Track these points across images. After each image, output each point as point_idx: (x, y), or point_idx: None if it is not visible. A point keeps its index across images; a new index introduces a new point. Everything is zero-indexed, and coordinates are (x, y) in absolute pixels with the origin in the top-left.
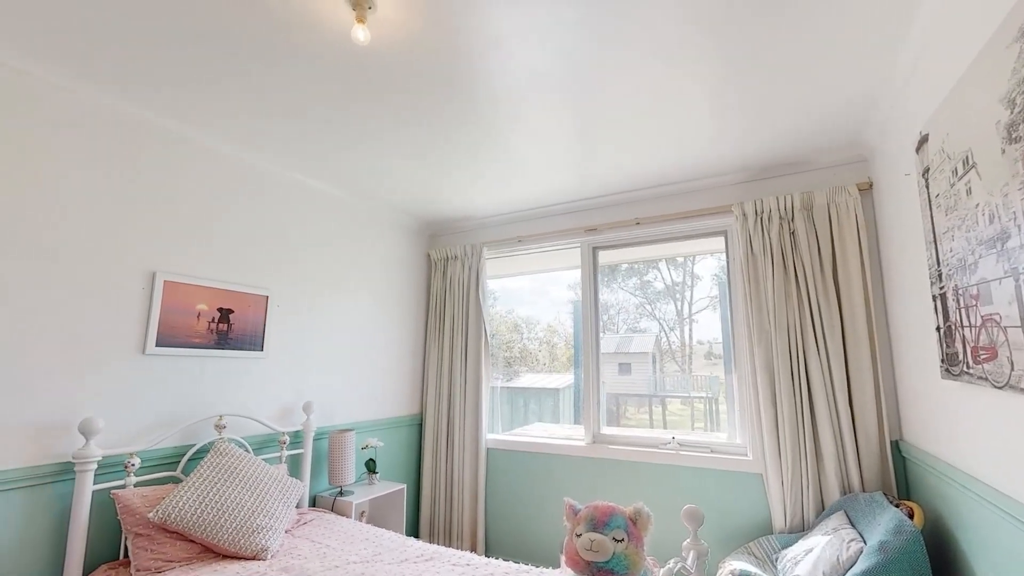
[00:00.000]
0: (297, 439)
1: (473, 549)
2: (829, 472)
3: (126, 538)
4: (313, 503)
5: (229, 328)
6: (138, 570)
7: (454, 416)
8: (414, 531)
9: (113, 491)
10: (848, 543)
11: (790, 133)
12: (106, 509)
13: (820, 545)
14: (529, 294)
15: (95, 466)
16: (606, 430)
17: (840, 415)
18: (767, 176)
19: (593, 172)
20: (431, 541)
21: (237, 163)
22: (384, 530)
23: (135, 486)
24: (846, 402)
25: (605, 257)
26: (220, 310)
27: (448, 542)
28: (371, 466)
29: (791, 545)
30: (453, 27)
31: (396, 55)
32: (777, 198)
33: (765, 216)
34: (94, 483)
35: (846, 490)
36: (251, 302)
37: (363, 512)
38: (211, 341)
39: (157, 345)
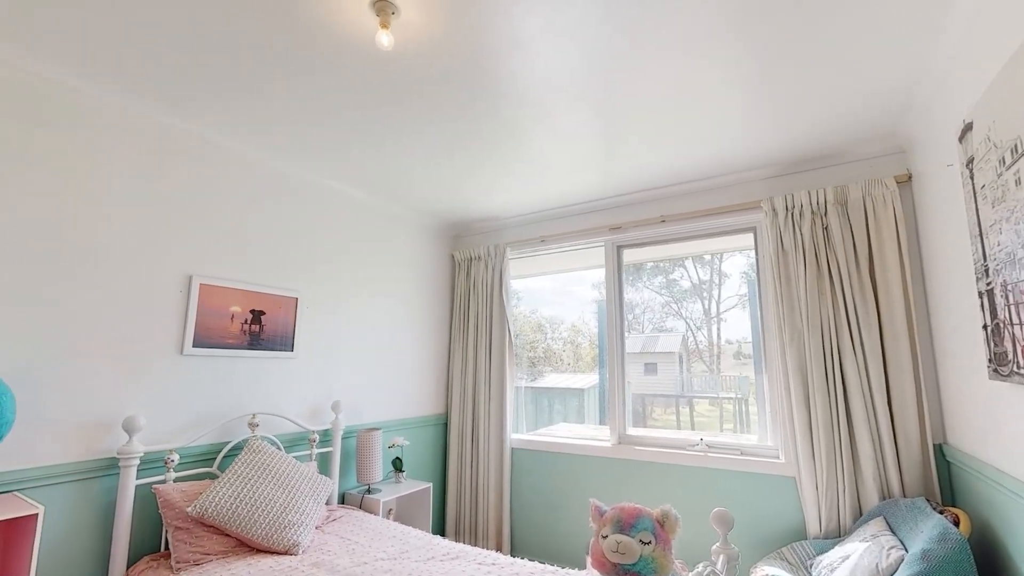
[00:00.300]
0: (326, 437)
1: (499, 548)
2: (867, 476)
3: (166, 531)
4: (342, 500)
5: (261, 329)
6: (178, 562)
7: (479, 416)
8: (440, 530)
9: (154, 486)
10: (888, 550)
11: (823, 125)
12: (148, 503)
13: (858, 552)
14: (553, 294)
15: (137, 462)
16: (632, 431)
17: (878, 417)
18: (798, 170)
19: (617, 170)
20: (457, 540)
21: (268, 169)
22: (411, 528)
23: (174, 481)
24: (884, 404)
25: (630, 256)
26: (252, 312)
27: (474, 541)
28: (398, 464)
29: (827, 551)
30: (475, 29)
31: (419, 58)
32: (809, 192)
33: (796, 211)
34: (137, 478)
35: (885, 495)
36: (282, 304)
37: (390, 510)
38: (244, 342)
39: (194, 346)
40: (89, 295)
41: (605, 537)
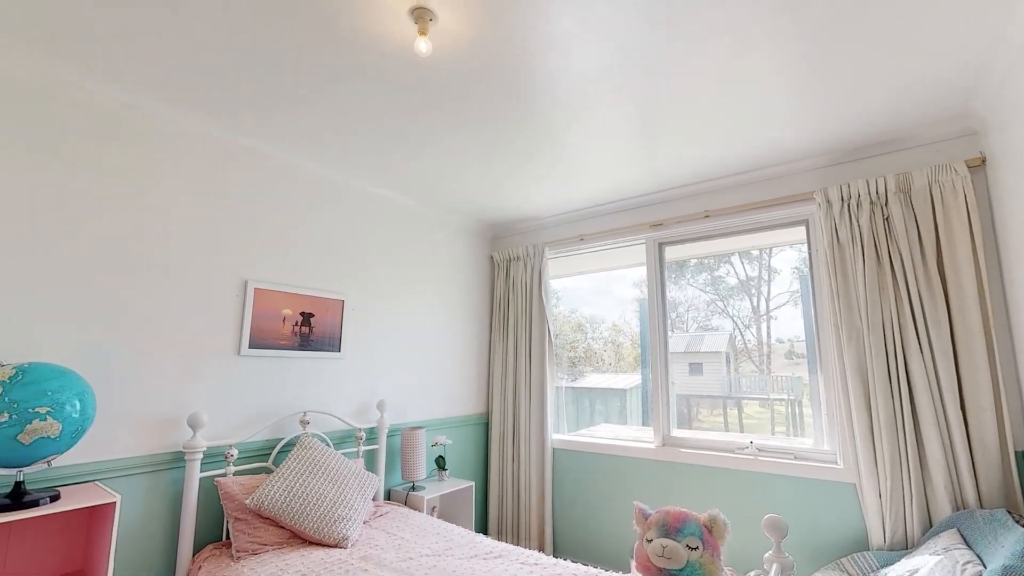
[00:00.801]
0: (372, 435)
1: (541, 549)
2: (937, 485)
3: (227, 521)
4: (388, 496)
5: (310, 331)
6: (238, 551)
7: (520, 416)
8: (483, 528)
9: (216, 478)
10: (962, 565)
11: (881, 108)
12: (210, 495)
13: (928, 566)
14: (592, 293)
15: (201, 456)
16: (677, 432)
17: (950, 421)
18: (854, 158)
19: (657, 166)
20: (499, 539)
21: (315, 177)
22: (454, 525)
23: (234, 475)
24: (957, 406)
25: (672, 253)
26: (302, 314)
27: (516, 540)
28: (441, 463)
29: (892, 564)
30: (510, 31)
31: (456, 63)
32: (867, 181)
33: (853, 202)
34: (200, 471)
35: (959, 506)
36: (329, 306)
37: (434, 507)
38: (295, 343)
39: (250, 347)
40: (158, 300)
41: (650, 541)
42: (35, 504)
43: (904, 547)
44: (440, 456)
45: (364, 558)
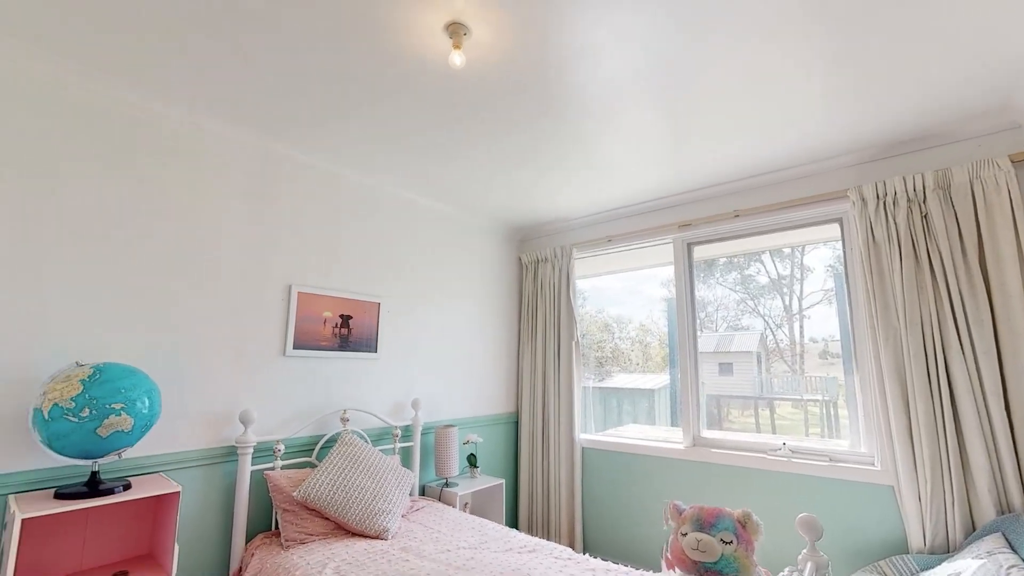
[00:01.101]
0: (407, 433)
1: (571, 546)
2: (980, 488)
3: (276, 512)
4: (422, 492)
5: (349, 332)
6: (286, 540)
7: (549, 415)
8: (513, 525)
9: (265, 472)
10: (1007, 569)
11: (918, 103)
12: (260, 487)
13: (970, 569)
14: (620, 293)
15: (252, 450)
16: (707, 433)
17: (994, 423)
18: (889, 155)
19: (686, 166)
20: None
21: (353, 185)
22: (488, 520)
23: (281, 468)
24: (1001, 408)
25: (701, 252)
26: (341, 316)
27: (546, 537)
28: (472, 460)
29: (932, 567)
30: (541, 42)
31: (489, 74)
32: (904, 179)
33: (889, 200)
34: (251, 464)
35: (1004, 509)
36: (366, 308)
37: (466, 503)
38: (335, 344)
39: (294, 348)
40: (212, 304)
41: (684, 535)
42: (111, 492)
43: (945, 551)
44: (472, 454)
45: (404, 549)
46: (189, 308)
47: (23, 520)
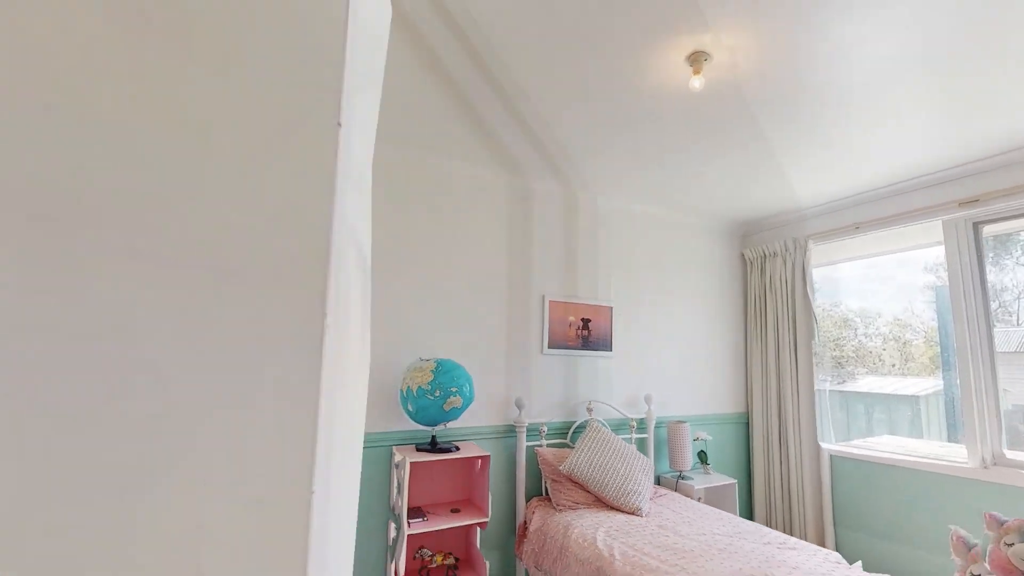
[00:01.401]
0: (640, 425)
1: None
2: None
3: (545, 481)
4: (657, 482)
5: (589, 334)
6: (558, 504)
7: (786, 418)
8: None
9: (536, 448)
10: None
11: None
12: (531, 461)
13: None
14: (861, 281)
15: (525, 430)
16: (1010, 453)
17: None
18: None
19: (968, 135)
20: None
21: (588, 204)
22: (734, 515)
23: (546, 446)
24: None
25: (991, 228)
26: (583, 320)
27: None
28: (703, 457)
29: None
30: (793, 48)
31: (725, 92)
32: None
33: None
34: (526, 441)
35: None
36: (601, 313)
37: (699, 498)
38: (578, 344)
39: (548, 347)
40: (495, 313)
41: (1010, 545)
42: (449, 450)
43: None
44: (702, 451)
45: (661, 527)
46: (480, 315)
47: (411, 464)
